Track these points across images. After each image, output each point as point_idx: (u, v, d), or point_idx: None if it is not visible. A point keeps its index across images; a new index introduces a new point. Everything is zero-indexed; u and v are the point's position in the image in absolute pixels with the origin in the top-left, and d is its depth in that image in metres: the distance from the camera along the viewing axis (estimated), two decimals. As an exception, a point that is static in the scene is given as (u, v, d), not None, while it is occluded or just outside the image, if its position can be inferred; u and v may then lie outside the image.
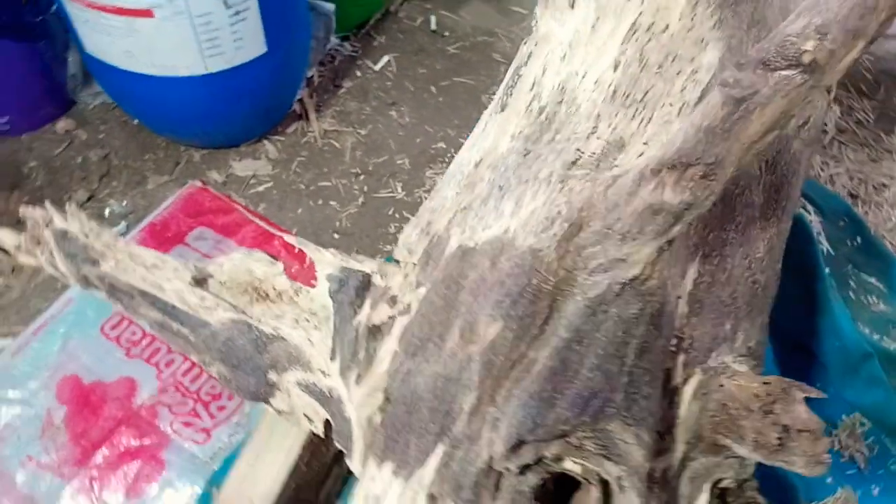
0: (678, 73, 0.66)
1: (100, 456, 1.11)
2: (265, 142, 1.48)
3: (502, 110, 0.74)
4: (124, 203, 1.38)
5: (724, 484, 0.68)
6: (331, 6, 1.50)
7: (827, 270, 1.09)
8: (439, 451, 0.60)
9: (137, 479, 1.10)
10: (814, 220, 1.37)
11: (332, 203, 1.40)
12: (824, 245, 1.34)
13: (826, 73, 0.45)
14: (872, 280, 1.31)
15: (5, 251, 0.76)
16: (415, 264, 0.69)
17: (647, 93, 0.65)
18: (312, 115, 1.52)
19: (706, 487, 0.65)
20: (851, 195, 1.44)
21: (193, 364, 1.22)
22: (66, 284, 1.29)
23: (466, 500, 0.58)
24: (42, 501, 1.07)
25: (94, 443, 1.12)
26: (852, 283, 1.31)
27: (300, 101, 1.54)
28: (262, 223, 0.81)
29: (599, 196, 0.60)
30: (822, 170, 1.47)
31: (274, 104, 1.43)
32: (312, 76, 1.59)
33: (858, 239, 1.36)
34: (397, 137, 1.51)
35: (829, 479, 1.13)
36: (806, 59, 0.44)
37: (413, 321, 0.65)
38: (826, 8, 0.44)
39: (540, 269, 0.59)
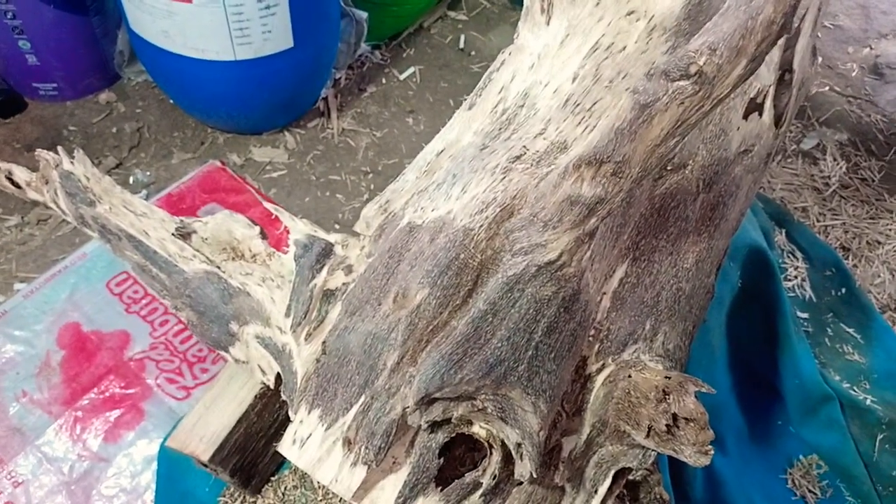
0: (626, 90, 0.72)
1: (87, 399, 1.19)
2: (286, 133, 1.57)
3: (470, 108, 0.80)
4: (148, 173, 1.48)
5: (631, 476, 0.73)
6: (364, 14, 1.60)
7: (789, 309, 1.12)
8: (361, 401, 0.66)
9: (117, 425, 1.18)
10: (800, 266, 1.40)
11: (338, 196, 1.48)
12: (807, 291, 1.37)
13: (715, 84, 0.51)
14: (851, 330, 1.34)
15: (18, 186, 0.85)
16: (369, 237, 0.76)
17: (595, 104, 0.71)
18: (334, 114, 1.61)
19: (610, 474, 0.69)
20: (844, 248, 1.46)
21: (186, 327, 1.30)
22: (83, 239, 1.39)
23: (377, 447, 0.64)
24: (28, 433, 1.16)
25: (84, 386, 1.21)
26: (829, 331, 1.33)
27: (325, 99, 1.63)
28: (270, 206, 0.89)
29: (531, 187, 0.66)
30: (818, 220, 1.50)
31: (296, 98, 1.52)
32: (340, 78, 1.68)
33: (843, 290, 1.38)
34: (410, 143, 1.58)
35: (776, 516, 1.15)
36: (692, 70, 0.49)
37: (357, 284, 0.71)
38: (719, 29, 0.50)
39: (469, 246, 0.65)
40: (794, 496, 1.17)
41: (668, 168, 0.75)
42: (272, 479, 0.91)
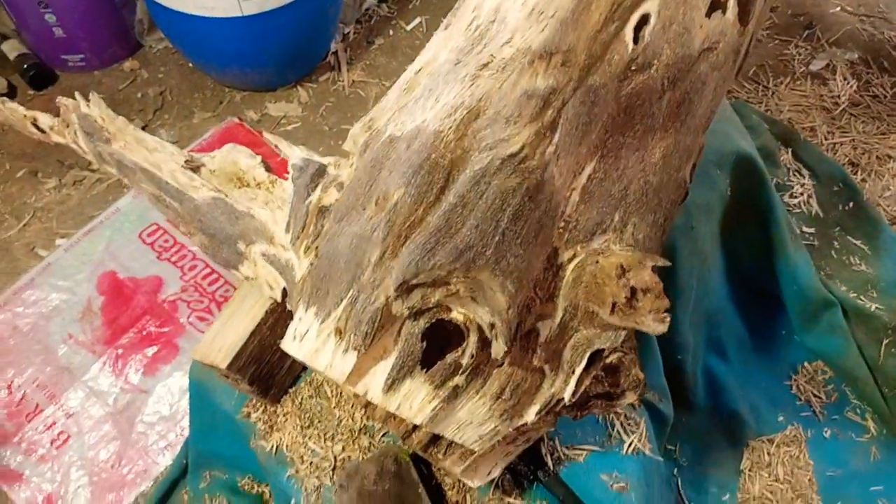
0: (585, -7, 0.75)
1: (126, 338, 1.29)
2: (298, 88, 1.63)
3: (446, 28, 0.85)
4: (172, 132, 1.57)
5: (608, 360, 0.78)
6: (367, -33, 1.64)
7: (783, 216, 1.13)
8: (349, 295, 0.72)
9: (155, 360, 1.28)
10: (806, 183, 1.41)
11: (351, 143, 1.54)
12: (814, 207, 1.39)
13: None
14: (858, 242, 1.35)
15: (42, 131, 0.93)
16: (357, 153, 0.82)
17: (556, 10, 0.75)
18: (344, 67, 1.67)
19: (586, 356, 0.74)
20: (852, 164, 1.47)
21: (213, 269, 1.39)
22: (116, 196, 1.49)
23: (364, 333, 0.70)
24: (76, 371, 1.27)
25: (123, 327, 1.31)
26: (836, 244, 1.35)
27: (335, 53, 1.69)
28: (269, 136, 0.96)
29: (496, 89, 0.71)
30: (825, 139, 1.50)
31: (305, 51, 1.59)
32: (348, 32, 1.74)
33: (851, 204, 1.39)
34: (418, 89, 1.63)
35: (780, 418, 1.19)
36: (615, -50, 0.53)
37: (343, 193, 0.77)
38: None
39: (439, 147, 0.70)
40: (798, 401, 1.20)
41: (633, 68, 0.78)
42: (290, 390, 0.99)
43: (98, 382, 1.25)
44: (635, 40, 0.81)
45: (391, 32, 1.77)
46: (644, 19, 0.81)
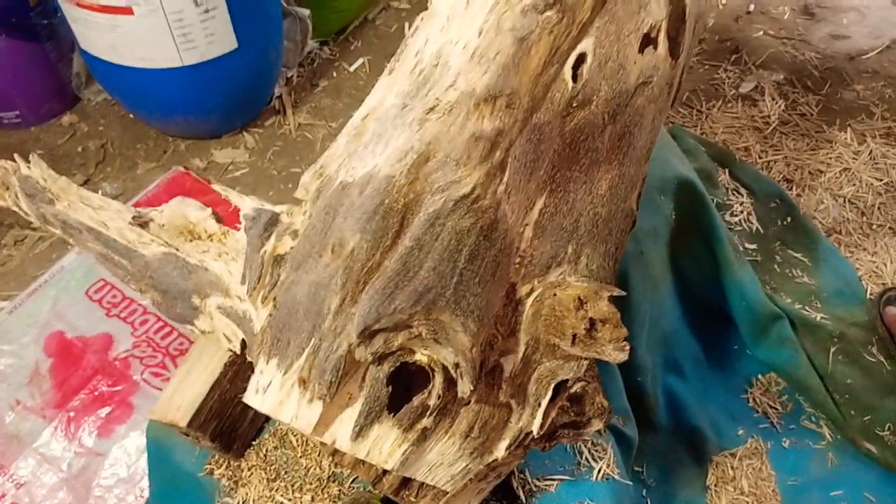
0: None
1: (77, 400, 1.25)
2: (244, 133, 1.63)
3: (390, 73, 0.86)
4: (116, 185, 1.54)
5: (572, 389, 0.79)
6: (306, 11, 1.66)
7: (725, 235, 1.17)
8: (311, 344, 0.72)
9: (109, 421, 1.24)
10: (745, 201, 1.47)
11: (300, 186, 1.54)
12: (754, 224, 1.44)
13: (575, 10, 0.57)
14: (798, 255, 1.40)
15: (-20, 195, 0.91)
16: (309, 201, 0.82)
17: (497, 53, 0.77)
18: (289, 110, 1.67)
19: (551, 388, 0.76)
20: (787, 180, 1.53)
21: (165, 323, 1.36)
22: (59, 254, 1.45)
23: (328, 382, 0.70)
24: (25, 438, 1.22)
25: (74, 389, 1.27)
26: (778, 258, 1.40)
27: (279, 97, 1.69)
28: (218, 187, 0.95)
29: (444, 132, 0.73)
30: (760, 157, 1.56)
31: (249, 97, 1.58)
32: (292, 76, 1.74)
33: (789, 219, 1.45)
34: (364, 129, 1.64)
35: (740, 431, 1.22)
36: (552, -1, 0.56)
37: (298, 241, 0.77)
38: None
39: (391, 192, 0.71)
40: (755, 413, 1.23)
41: (574, 105, 0.81)
42: (253, 443, 0.97)
43: (50, 448, 1.20)
44: (574, 78, 0.84)
45: (335, 74, 1.78)
46: (581, 58, 0.85)
